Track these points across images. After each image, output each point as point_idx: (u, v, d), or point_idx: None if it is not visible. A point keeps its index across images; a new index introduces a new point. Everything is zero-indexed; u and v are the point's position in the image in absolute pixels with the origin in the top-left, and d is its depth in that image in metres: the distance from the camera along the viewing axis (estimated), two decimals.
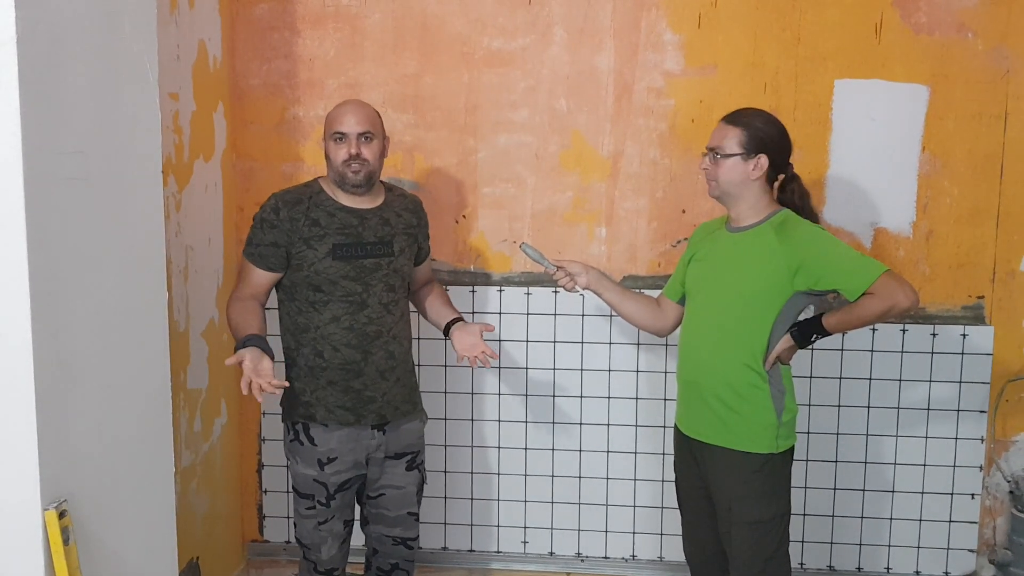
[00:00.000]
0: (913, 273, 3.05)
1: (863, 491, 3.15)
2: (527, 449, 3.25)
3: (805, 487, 3.14)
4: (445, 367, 3.21)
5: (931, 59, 2.98)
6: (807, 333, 2.36)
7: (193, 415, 2.93)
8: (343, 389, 2.49)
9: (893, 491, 3.13)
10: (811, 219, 2.41)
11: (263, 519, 3.37)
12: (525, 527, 3.29)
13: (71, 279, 1.67)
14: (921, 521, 3.14)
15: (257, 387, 2.20)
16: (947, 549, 3.14)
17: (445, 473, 3.26)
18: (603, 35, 3.08)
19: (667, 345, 3.13)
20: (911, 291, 2.23)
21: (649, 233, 3.14)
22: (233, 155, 3.21)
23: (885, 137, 3.02)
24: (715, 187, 2.42)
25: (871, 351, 3.09)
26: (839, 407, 3.12)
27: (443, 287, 2.86)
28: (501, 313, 3.20)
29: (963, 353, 3.06)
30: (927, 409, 3.09)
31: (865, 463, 3.13)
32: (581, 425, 3.22)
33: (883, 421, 3.11)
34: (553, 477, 3.25)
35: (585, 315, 3.17)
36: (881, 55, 2.99)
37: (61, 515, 1.61)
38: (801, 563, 3.17)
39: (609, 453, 3.22)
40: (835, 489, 3.16)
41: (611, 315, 3.14)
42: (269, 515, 3.36)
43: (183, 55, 2.81)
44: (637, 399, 3.19)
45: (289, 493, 3.30)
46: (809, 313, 2.59)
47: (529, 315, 3.19)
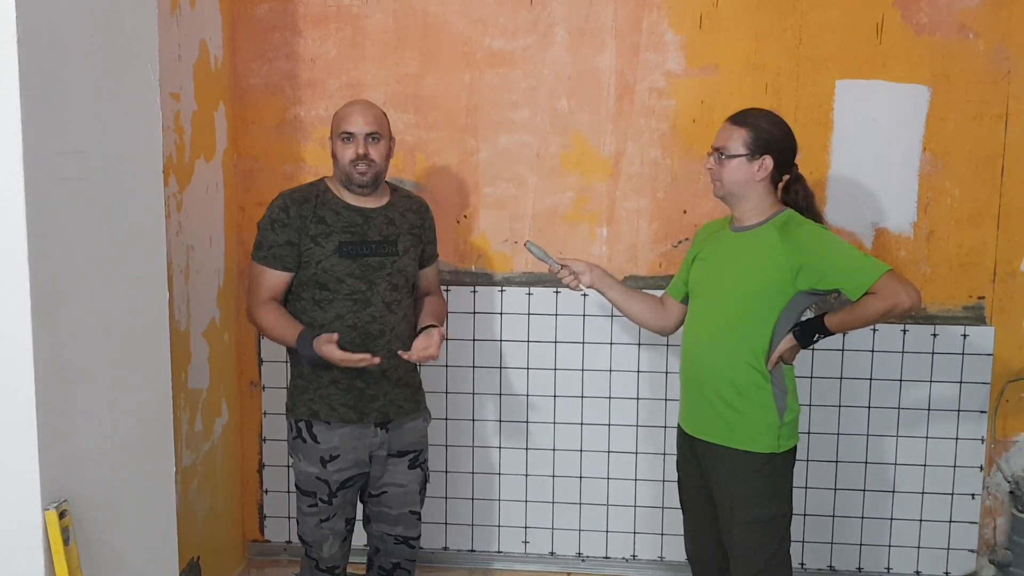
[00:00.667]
0: (914, 273, 3.04)
1: (863, 491, 3.14)
2: (528, 449, 3.25)
3: (806, 487, 3.14)
4: (446, 367, 3.21)
5: (932, 59, 2.97)
6: (809, 333, 2.36)
7: (194, 415, 2.93)
8: (346, 387, 2.50)
9: (893, 491, 3.13)
10: (815, 219, 2.41)
11: (264, 519, 3.37)
12: (526, 527, 3.29)
13: (71, 279, 1.67)
14: (921, 521, 3.13)
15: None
16: (947, 549, 3.14)
17: (446, 473, 3.26)
18: (604, 35, 3.08)
19: (668, 345, 3.13)
20: (913, 291, 2.23)
21: (650, 233, 3.14)
22: (234, 155, 3.21)
23: (886, 137, 3.02)
24: (719, 187, 2.42)
25: (872, 351, 3.09)
26: (840, 407, 3.12)
27: (444, 301, 2.80)
28: (502, 313, 3.20)
29: (964, 353, 3.06)
30: (927, 409, 3.09)
31: (865, 463, 3.13)
32: (582, 425, 3.22)
33: (883, 421, 3.11)
34: (554, 477, 3.25)
35: (586, 315, 3.17)
36: (882, 55, 2.99)
37: (61, 515, 1.61)
38: (802, 563, 3.17)
39: (610, 453, 3.22)
40: (835, 489, 3.16)
41: (612, 315, 3.14)
42: (270, 515, 3.36)
43: (184, 55, 2.81)
44: (638, 399, 3.19)
45: (290, 493, 3.31)
46: (811, 313, 2.59)
47: (530, 315, 3.19)
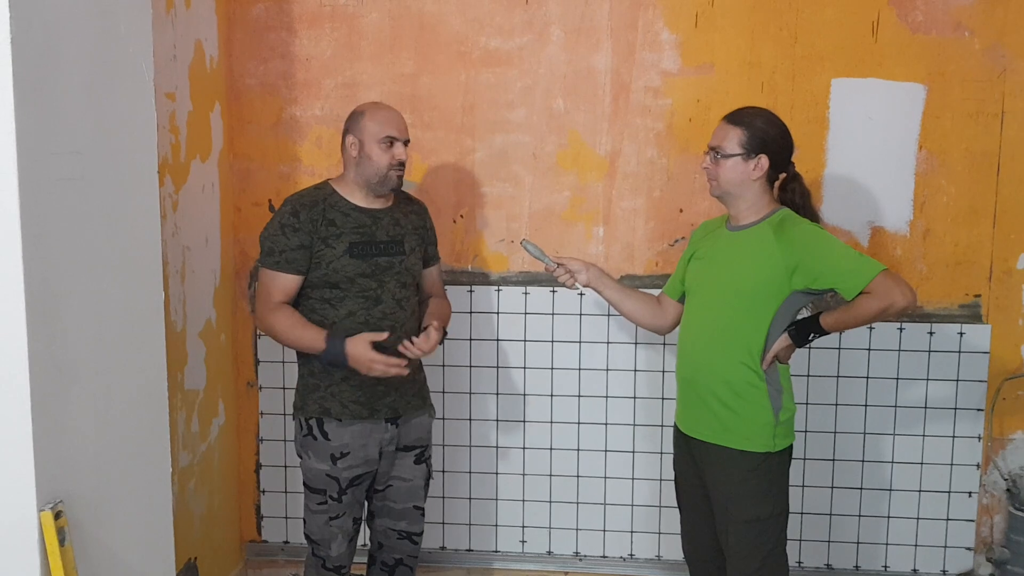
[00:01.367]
0: (910, 272, 3.05)
1: (860, 489, 3.15)
2: (525, 448, 3.25)
3: (803, 485, 3.14)
4: (443, 367, 3.21)
5: (928, 58, 2.98)
6: (805, 332, 2.36)
7: (191, 415, 2.92)
8: (357, 384, 2.52)
9: (890, 489, 3.14)
10: (812, 218, 2.41)
11: (261, 519, 3.37)
12: (523, 526, 3.29)
13: (67, 280, 1.66)
14: (919, 519, 3.14)
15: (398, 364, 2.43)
16: (944, 547, 3.14)
17: (443, 473, 3.26)
18: (600, 35, 3.08)
19: (665, 344, 3.13)
20: (908, 290, 2.23)
21: (647, 232, 3.14)
22: (230, 155, 3.21)
23: (882, 136, 3.02)
24: (716, 186, 2.42)
25: (868, 350, 3.09)
26: (836, 406, 3.12)
27: (449, 303, 2.80)
28: (499, 313, 3.19)
29: (960, 351, 3.06)
30: (924, 407, 3.09)
31: (863, 461, 3.13)
32: (579, 424, 3.22)
33: (880, 420, 3.11)
34: (551, 476, 3.25)
35: (583, 314, 3.17)
36: (878, 54, 2.99)
37: (57, 516, 1.60)
38: (799, 561, 3.17)
39: (607, 452, 3.22)
40: (832, 487, 3.16)
41: (609, 314, 3.14)
42: (267, 515, 3.36)
43: (179, 55, 2.81)
44: (635, 398, 3.19)
45: (287, 493, 3.31)
46: (806, 312, 2.60)
47: (527, 315, 3.19)
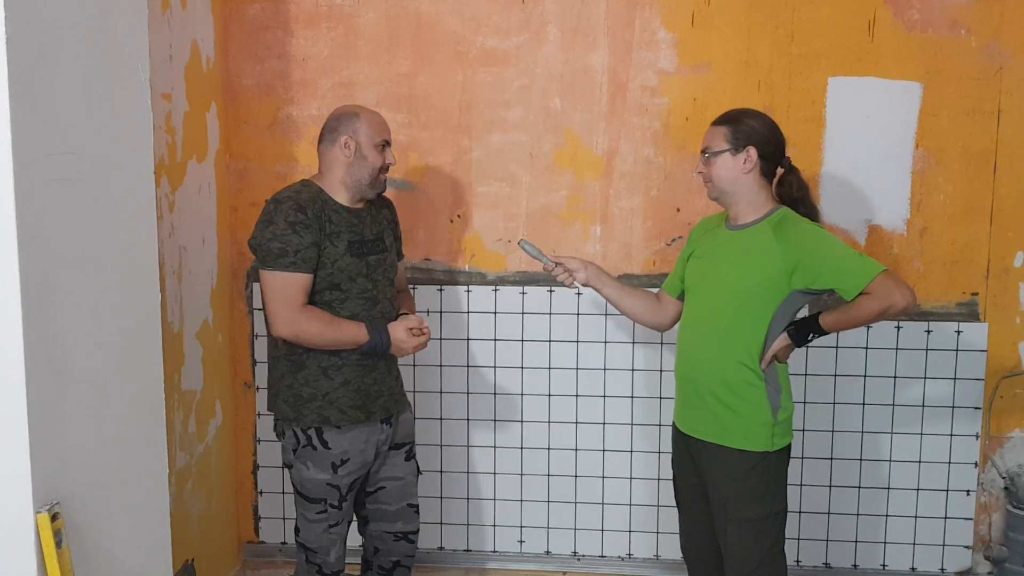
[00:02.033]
0: (907, 270, 3.05)
1: (858, 488, 3.15)
2: (523, 448, 3.24)
3: (801, 484, 3.14)
4: (440, 367, 3.21)
5: (924, 56, 2.98)
6: (804, 332, 2.36)
7: (187, 416, 2.92)
8: (356, 387, 2.50)
9: (888, 488, 3.14)
10: (810, 213, 2.42)
11: (258, 520, 3.36)
12: (521, 526, 3.29)
13: (63, 281, 1.66)
14: (917, 518, 3.14)
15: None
16: (943, 545, 3.14)
17: (441, 473, 3.26)
18: (597, 34, 3.08)
19: (662, 343, 3.13)
20: (908, 291, 2.23)
21: (644, 231, 3.14)
22: (227, 155, 3.20)
23: (879, 134, 3.02)
24: (712, 188, 2.43)
25: (866, 348, 3.09)
26: (834, 404, 3.12)
27: (411, 295, 2.91)
28: (496, 312, 3.19)
29: (957, 350, 3.06)
30: (922, 406, 3.09)
31: (860, 460, 3.13)
32: (577, 424, 3.22)
33: (878, 418, 3.11)
34: (549, 476, 3.25)
35: (580, 314, 3.17)
36: (874, 52, 2.99)
37: (54, 518, 1.60)
38: (797, 560, 3.18)
39: (605, 452, 3.22)
40: (830, 486, 3.16)
41: (607, 313, 3.14)
42: (264, 516, 3.35)
43: (176, 55, 2.80)
44: (633, 397, 3.19)
45: (285, 494, 3.31)
46: (805, 312, 2.60)
47: (524, 314, 3.19)
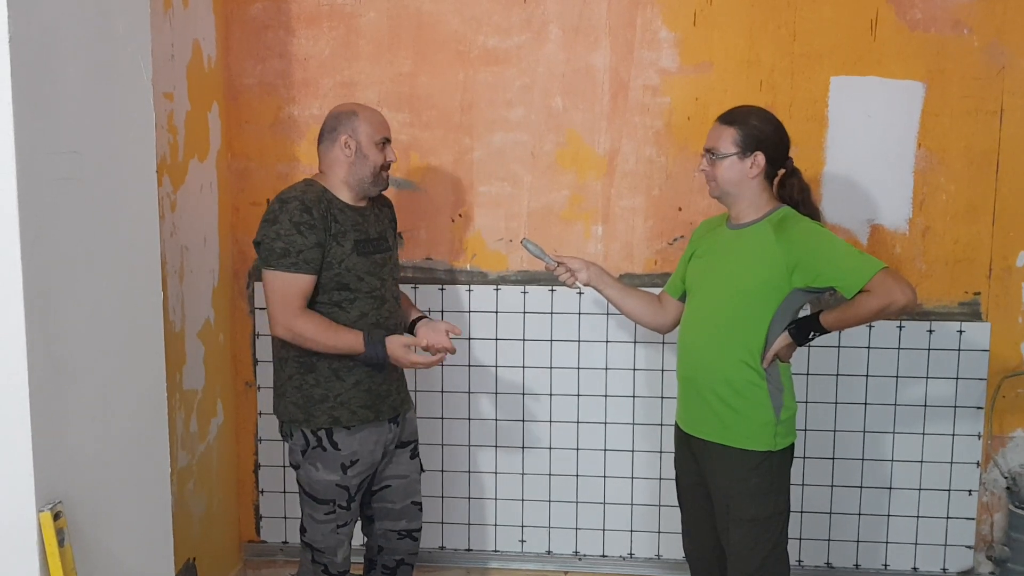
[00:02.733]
0: (909, 270, 3.05)
1: (860, 488, 3.15)
2: (524, 448, 3.24)
3: (802, 484, 3.14)
4: (442, 366, 3.18)
5: (927, 55, 2.98)
6: (805, 331, 2.36)
7: (189, 416, 2.92)
8: (367, 388, 2.50)
9: (890, 488, 3.14)
10: (812, 214, 2.41)
11: (260, 519, 3.36)
12: (522, 526, 3.29)
13: (65, 280, 1.66)
14: (919, 518, 3.14)
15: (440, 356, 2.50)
16: (944, 545, 3.14)
17: (442, 472, 3.26)
18: (598, 33, 3.08)
19: (664, 343, 3.13)
20: (909, 289, 2.23)
21: (645, 231, 3.14)
22: (228, 155, 3.20)
23: (881, 134, 3.02)
24: (714, 187, 2.42)
25: (868, 348, 3.09)
26: (836, 404, 3.12)
27: (406, 295, 2.86)
28: (497, 312, 3.19)
29: (960, 349, 3.06)
30: (924, 406, 3.09)
31: (862, 460, 3.13)
32: (578, 423, 3.22)
33: (880, 418, 3.11)
34: (550, 476, 3.25)
35: (582, 313, 3.17)
36: (877, 52, 2.99)
37: (56, 517, 1.60)
38: (799, 560, 3.17)
39: (606, 451, 3.22)
40: (832, 486, 3.16)
41: (608, 313, 3.14)
42: (266, 515, 3.35)
43: (177, 55, 2.80)
44: (634, 397, 3.19)
45: (286, 494, 3.31)
46: (806, 311, 2.59)
47: (526, 314, 3.19)
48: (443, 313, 3.19)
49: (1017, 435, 3.13)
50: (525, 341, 3.20)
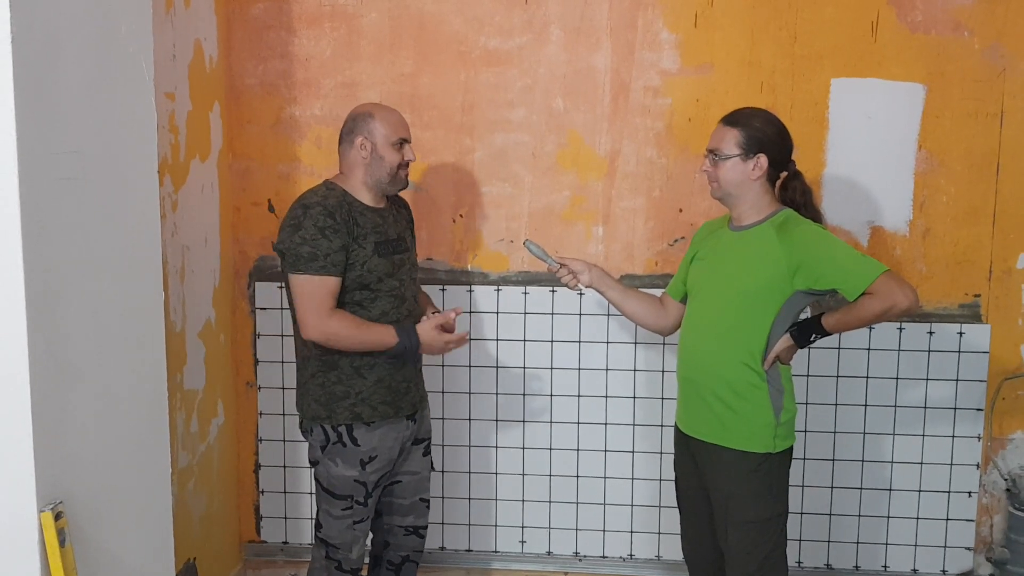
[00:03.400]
0: (910, 272, 3.05)
1: (860, 489, 3.15)
2: (524, 448, 3.24)
3: (802, 485, 3.14)
4: (442, 367, 3.20)
5: (927, 58, 2.98)
6: (806, 333, 2.36)
7: (190, 416, 2.92)
8: (388, 384, 2.52)
9: (890, 489, 3.14)
10: (813, 217, 2.41)
11: (260, 520, 3.36)
12: (523, 527, 3.29)
13: (67, 279, 1.66)
14: (918, 519, 3.14)
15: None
16: (944, 547, 3.14)
17: (443, 473, 3.25)
18: (600, 34, 3.08)
19: (664, 344, 3.13)
20: (911, 292, 2.23)
21: (646, 232, 3.14)
22: (229, 155, 3.20)
23: (882, 136, 3.02)
24: (716, 188, 2.42)
25: (868, 349, 3.09)
26: (836, 405, 3.12)
27: (426, 293, 2.86)
28: (498, 312, 3.19)
29: (960, 351, 3.06)
30: (924, 407, 3.09)
31: (862, 461, 3.13)
32: (579, 424, 3.22)
33: (880, 419, 3.11)
34: (551, 476, 3.25)
35: (583, 314, 3.17)
36: (877, 54, 2.99)
37: (57, 517, 1.60)
38: (798, 561, 3.17)
39: (607, 452, 3.22)
40: (832, 487, 3.16)
41: (609, 314, 3.14)
42: (266, 516, 3.35)
43: (179, 55, 2.80)
44: (635, 398, 3.19)
45: (286, 494, 3.31)
46: (807, 313, 2.59)
47: (527, 314, 3.19)
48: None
49: (1017, 437, 3.13)
50: (526, 342, 3.20)
